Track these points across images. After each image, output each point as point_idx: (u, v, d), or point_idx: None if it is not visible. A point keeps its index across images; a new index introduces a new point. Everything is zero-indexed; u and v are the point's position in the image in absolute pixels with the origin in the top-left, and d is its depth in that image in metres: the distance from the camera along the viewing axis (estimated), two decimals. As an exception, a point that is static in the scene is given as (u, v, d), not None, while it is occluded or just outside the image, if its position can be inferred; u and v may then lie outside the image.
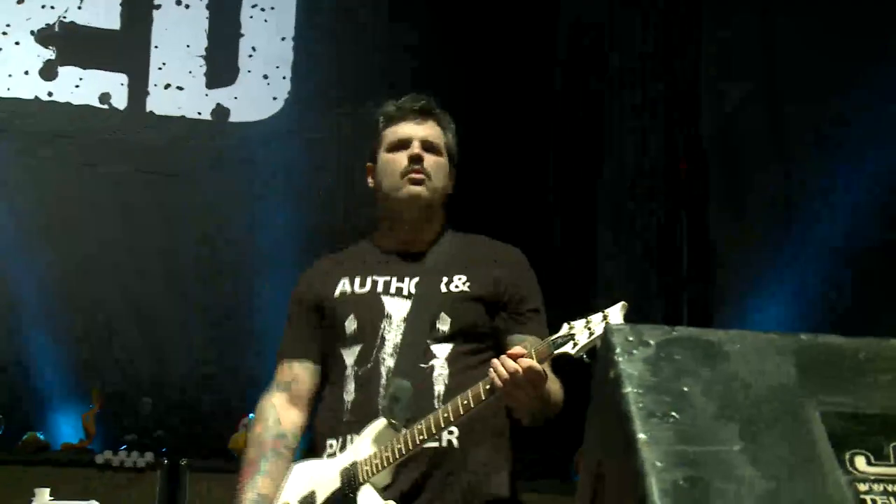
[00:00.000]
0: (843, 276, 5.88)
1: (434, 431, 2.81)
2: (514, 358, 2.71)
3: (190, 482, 5.51)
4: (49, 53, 6.87)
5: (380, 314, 3.09)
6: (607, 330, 1.73)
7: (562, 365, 2.87)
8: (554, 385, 2.94)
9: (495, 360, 2.74)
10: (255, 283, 6.39)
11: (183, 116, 7.02)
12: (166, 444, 5.91)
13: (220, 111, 7.08)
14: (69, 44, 6.92)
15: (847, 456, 1.63)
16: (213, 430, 6.16)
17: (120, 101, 6.95)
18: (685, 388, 1.66)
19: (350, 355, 3.08)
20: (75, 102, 6.87)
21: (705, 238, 7.07)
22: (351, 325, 3.10)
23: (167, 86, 7.04)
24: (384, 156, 3.24)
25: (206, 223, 6.83)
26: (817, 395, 1.71)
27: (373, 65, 7.17)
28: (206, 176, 6.93)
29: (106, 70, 6.98)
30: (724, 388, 1.68)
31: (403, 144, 3.22)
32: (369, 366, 3.03)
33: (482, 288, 3.11)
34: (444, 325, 3.05)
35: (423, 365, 3.01)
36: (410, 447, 2.83)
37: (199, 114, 7.06)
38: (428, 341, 3.03)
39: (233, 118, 7.11)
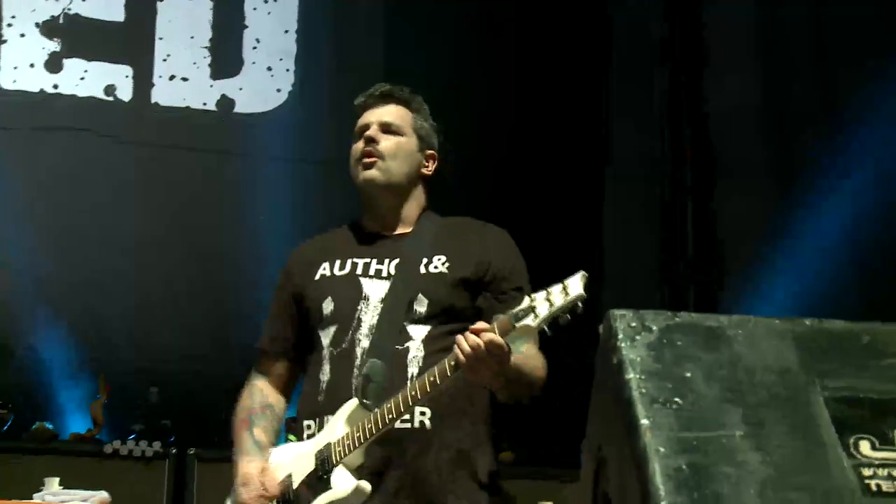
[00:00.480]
0: (848, 263, 5.88)
1: (402, 410, 2.80)
2: (477, 332, 2.68)
3: (198, 471, 5.53)
4: (54, 45, 6.87)
5: (357, 295, 3.08)
6: (610, 316, 1.73)
7: (568, 351, 2.85)
8: (533, 361, 2.92)
9: (458, 336, 2.71)
10: (260, 273, 6.39)
11: (188, 107, 7.03)
12: (174, 434, 5.93)
13: (225, 102, 7.09)
14: (74, 36, 6.92)
15: (851, 441, 1.63)
16: (220, 420, 6.17)
17: (125, 92, 6.96)
18: (687, 374, 1.67)
19: (326, 336, 3.08)
20: (80, 94, 6.88)
21: (711, 224, 7.07)
22: (328, 306, 3.10)
23: (172, 77, 7.05)
24: (353, 146, 3.27)
25: (212, 213, 6.84)
26: (820, 379, 1.71)
27: (375, 56, 7.17)
28: (211, 166, 6.94)
29: (111, 62, 6.98)
30: (727, 374, 1.69)
31: (363, 130, 3.24)
32: (344, 346, 3.03)
33: (463, 268, 3.09)
34: (421, 306, 3.03)
35: (398, 346, 2.99)
36: (380, 426, 2.82)
37: (205, 104, 7.06)
38: (404, 322, 3.02)
39: (238, 109, 7.11)
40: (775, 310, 6.03)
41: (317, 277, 3.16)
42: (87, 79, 6.88)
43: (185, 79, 7.06)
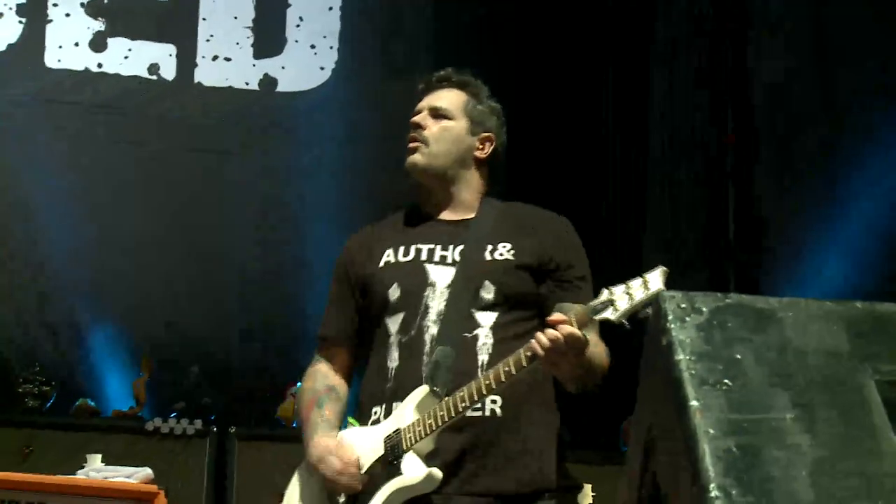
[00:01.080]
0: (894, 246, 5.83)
1: (476, 398, 2.80)
2: (555, 325, 2.69)
3: (238, 449, 5.56)
4: (99, 25, 6.90)
5: (423, 282, 3.07)
6: (660, 297, 1.72)
7: (608, 334, 2.85)
8: (597, 349, 2.91)
9: (538, 333, 2.72)
10: (304, 251, 6.42)
11: (231, 87, 7.05)
12: (215, 412, 5.96)
13: (268, 81, 7.10)
14: (118, 15, 6.95)
15: (902, 424, 1.62)
16: (261, 399, 6.21)
17: (168, 72, 6.99)
18: (737, 356, 1.66)
19: (393, 323, 3.06)
20: (124, 73, 6.91)
21: (752, 209, 7.03)
22: (394, 293, 3.08)
23: (215, 57, 7.07)
24: None
25: (254, 192, 6.87)
26: (871, 363, 1.69)
27: (419, 34, 7.16)
28: (254, 145, 6.96)
29: (154, 41, 7.01)
30: (777, 356, 1.67)
31: (414, 116, 3.25)
32: (413, 333, 3.02)
33: (527, 255, 3.08)
34: (488, 293, 3.03)
35: (466, 334, 2.99)
36: (452, 414, 2.82)
37: (247, 84, 7.08)
38: (472, 309, 3.01)
39: (280, 88, 7.12)
40: (820, 294, 6.00)
41: (381, 264, 3.15)
42: (131, 58, 6.92)
43: (227, 59, 7.07)
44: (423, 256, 3.12)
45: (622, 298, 2.62)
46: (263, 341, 6.52)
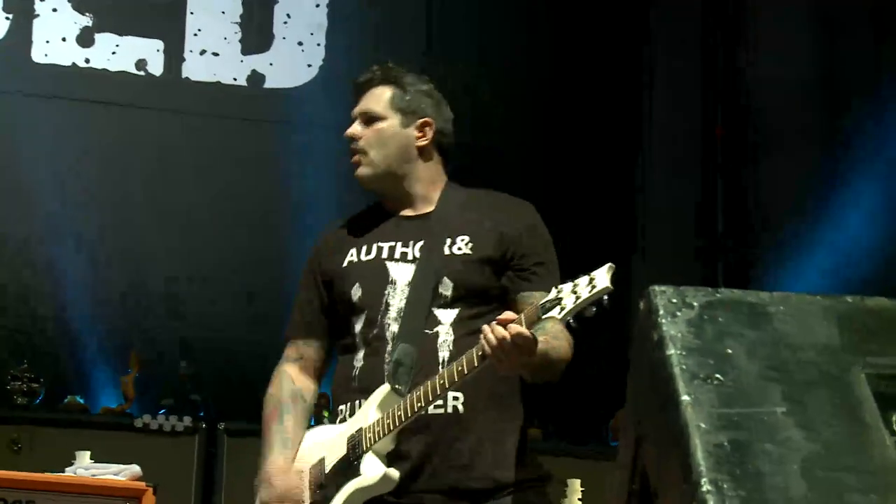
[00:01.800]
0: (884, 242, 5.84)
1: (431, 397, 2.79)
2: (503, 324, 2.66)
3: (228, 446, 5.56)
4: (86, 20, 6.87)
5: (384, 280, 3.07)
6: (650, 292, 1.71)
7: (596, 329, 2.81)
8: (557, 342, 2.88)
9: (485, 327, 2.69)
10: (290, 248, 6.40)
11: (218, 82, 7.02)
12: (204, 408, 5.96)
13: (256, 77, 7.08)
14: (106, 10, 6.92)
15: (894, 417, 1.62)
16: (250, 395, 6.19)
17: (156, 67, 6.96)
18: (728, 350, 1.66)
19: (358, 323, 3.07)
20: (112, 69, 6.88)
21: (743, 202, 7.04)
22: (356, 292, 3.08)
23: (203, 52, 7.04)
24: None
25: (242, 187, 6.84)
26: (863, 357, 1.69)
27: (407, 31, 7.15)
28: (242, 141, 6.94)
29: (142, 36, 6.98)
30: (768, 350, 1.67)
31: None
32: (375, 332, 3.02)
33: (486, 248, 3.06)
34: (446, 289, 3.01)
35: (427, 331, 2.98)
36: (409, 414, 2.81)
37: (235, 80, 7.06)
38: (432, 307, 3.00)
39: (268, 84, 7.10)
40: (809, 288, 6.01)
41: (344, 264, 3.15)
42: (119, 53, 6.88)
43: (215, 53, 7.05)
44: (385, 254, 3.12)
45: (569, 297, 2.58)
46: (253, 337, 6.50)
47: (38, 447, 5.37)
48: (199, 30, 7.04)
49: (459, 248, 3.07)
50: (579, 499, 4.92)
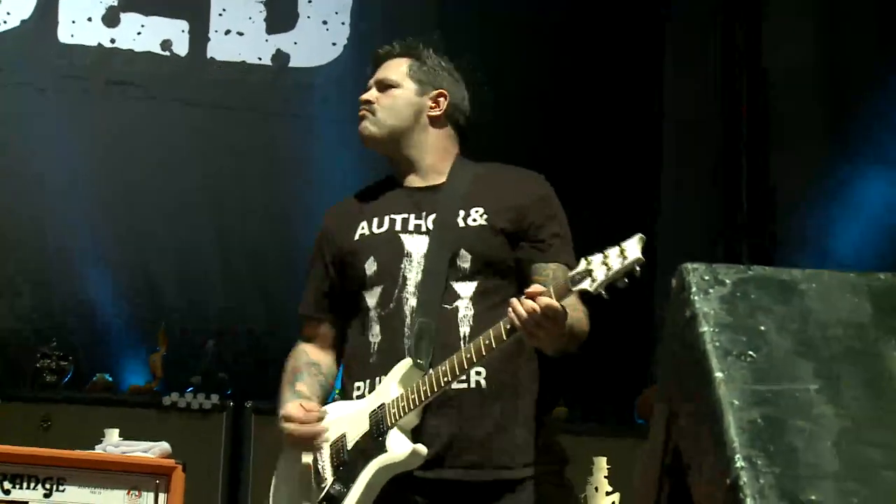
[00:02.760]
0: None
1: (458, 372, 2.79)
2: (533, 297, 2.66)
3: (255, 423, 5.59)
4: (111, 0, 6.89)
5: (399, 253, 3.05)
6: (682, 269, 1.72)
7: (622, 304, 2.80)
8: (577, 314, 2.88)
9: (514, 300, 2.69)
10: (316, 224, 6.42)
11: (243, 62, 7.03)
12: (231, 387, 5.99)
13: (280, 56, 7.09)
14: (131, -10, 6.94)
15: (924, 394, 1.62)
16: (277, 374, 6.22)
17: (181, 47, 6.97)
18: (761, 327, 1.66)
19: (371, 297, 3.05)
20: (137, 49, 6.90)
21: (766, 182, 7.01)
22: (371, 266, 3.07)
23: (227, 32, 7.05)
24: None
25: (269, 168, 6.86)
26: (894, 333, 1.69)
27: (430, 9, 7.14)
28: (267, 121, 6.96)
29: (167, 17, 6.99)
30: (800, 327, 1.68)
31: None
32: (392, 306, 3.00)
33: (501, 219, 3.06)
34: (464, 262, 3.01)
35: (446, 305, 2.98)
36: (435, 389, 2.81)
37: (260, 59, 7.06)
38: (450, 280, 3.00)
39: (293, 63, 7.11)
40: (834, 268, 6.00)
41: (356, 238, 3.14)
42: (144, 33, 6.90)
43: (240, 33, 7.06)
44: (398, 226, 3.10)
45: (600, 269, 2.57)
46: (279, 317, 6.53)
47: (67, 425, 5.41)
48: (224, 10, 7.04)
49: (474, 220, 3.06)
50: (605, 476, 4.95)
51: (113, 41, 6.87)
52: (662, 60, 7.34)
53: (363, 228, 3.14)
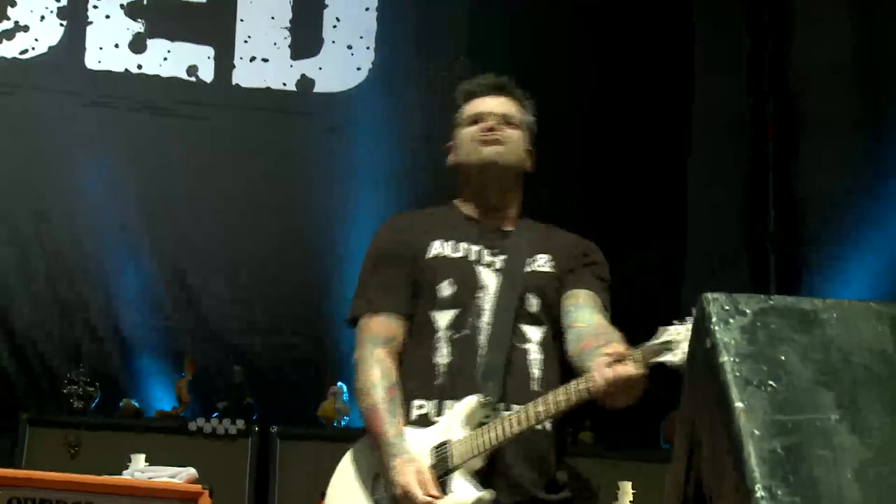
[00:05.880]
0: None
1: (530, 424, 2.81)
2: (616, 360, 2.68)
3: (280, 449, 5.60)
4: (138, 26, 6.94)
5: (476, 283, 3.06)
6: (703, 299, 1.72)
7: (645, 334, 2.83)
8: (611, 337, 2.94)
9: (598, 364, 2.71)
10: (342, 255, 6.43)
11: (269, 88, 7.07)
12: (257, 412, 6.01)
13: (305, 82, 7.12)
14: (157, 17, 6.98)
15: (946, 422, 1.62)
16: (302, 399, 6.24)
17: (207, 73, 7.01)
18: (782, 357, 1.66)
19: (443, 318, 3.03)
20: (164, 75, 6.95)
21: (792, 194, 6.98)
22: (448, 288, 3.05)
23: (252, 58, 7.09)
24: (462, 131, 3.23)
25: (292, 193, 6.88)
26: (916, 363, 1.69)
27: (456, 35, 7.17)
28: (292, 146, 6.98)
29: (193, 43, 7.04)
30: (821, 356, 1.68)
31: (481, 118, 3.21)
32: (466, 332, 3.00)
33: (563, 267, 3.13)
34: (531, 306, 3.05)
35: (518, 345, 3.00)
36: (502, 438, 2.82)
37: (285, 85, 7.10)
38: (519, 323, 3.02)
39: (318, 89, 7.14)
40: (861, 281, 5.98)
41: (430, 255, 3.12)
42: (170, 59, 6.95)
43: (265, 59, 7.10)
44: (472, 257, 3.11)
45: (682, 342, 2.60)
46: (304, 342, 6.55)
47: (94, 450, 5.44)
48: (249, 37, 7.09)
49: (541, 266, 3.11)
50: (630, 501, 4.93)
51: (140, 67, 6.92)
52: (692, 60, 7.29)
53: (437, 248, 3.13)
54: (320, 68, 7.16)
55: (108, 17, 6.93)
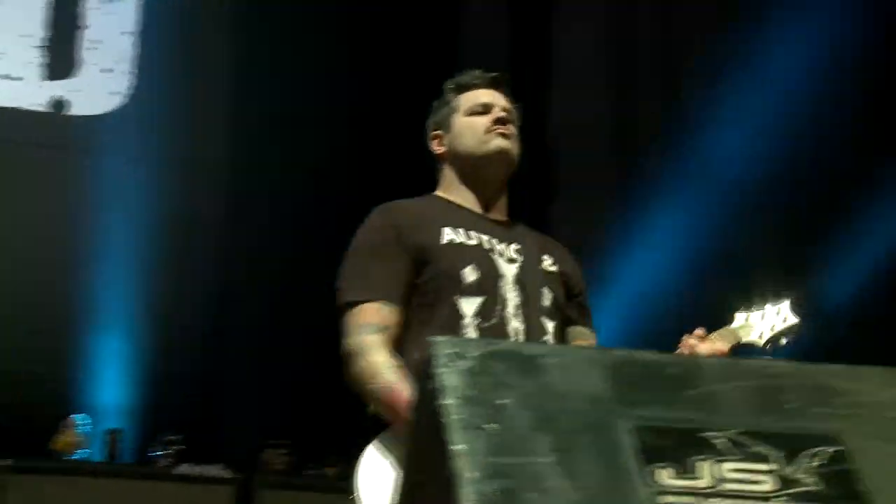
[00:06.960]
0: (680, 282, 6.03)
1: None
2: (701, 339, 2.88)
3: (12, 484, 5.41)
4: None
5: (496, 272, 3.02)
6: (431, 342, 1.76)
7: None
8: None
9: (688, 340, 2.89)
10: (94, 279, 6.28)
11: (19, 108, 6.85)
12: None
13: (60, 104, 6.93)
14: None
15: (654, 469, 1.69)
16: (35, 430, 6.05)
17: (-46, 92, 6.76)
18: (502, 401, 1.70)
19: (469, 305, 2.95)
20: None
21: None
22: (471, 274, 2.98)
23: (5, 76, 6.87)
24: (462, 119, 3.19)
25: (41, 217, 6.68)
26: (629, 408, 1.76)
27: (214, 59, 7.13)
28: (44, 167, 6.79)
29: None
30: (540, 401, 1.73)
31: (485, 109, 3.19)
32: (494, 321, 2.94)
33: (565, 271, 3.19)
34: (546, 300, 3.06)
35: (544, 336, 3.02)
36: None
37: (38, 105, 6.90)
38: (538, 314, 3.03)
39: (73, 111, 6.97)
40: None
41: (443, 241, 3.03)
42: None
43: (18, 78, 6.88)
44: (486, 246, 3.07)
45: (764, 325, 2.92)
46: (39, 373, 6.34)
47: None
48: (1, 53, 6.87)
49: (548, 265, 3.14)
50: None
51: None
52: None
53: (448, 235, 3.05)
54: (77, 91, 6.99)
55: None
